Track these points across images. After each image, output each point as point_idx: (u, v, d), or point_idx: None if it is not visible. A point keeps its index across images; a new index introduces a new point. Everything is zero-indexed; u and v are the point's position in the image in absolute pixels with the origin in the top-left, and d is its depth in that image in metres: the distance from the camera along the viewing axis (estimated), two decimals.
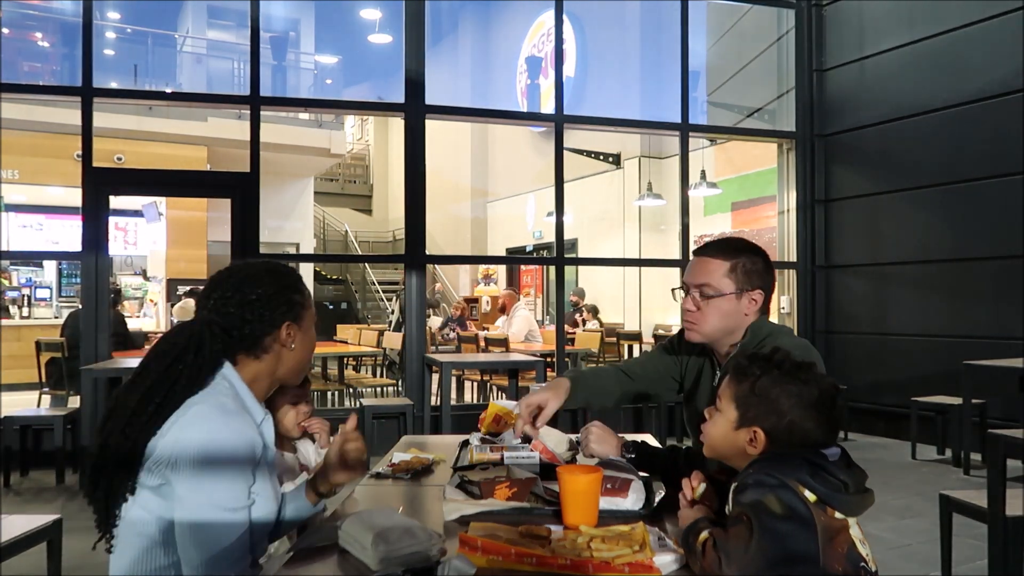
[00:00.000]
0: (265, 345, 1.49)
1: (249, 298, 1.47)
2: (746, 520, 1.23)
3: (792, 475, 1.25)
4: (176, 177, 7.32)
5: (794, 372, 1.36)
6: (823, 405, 1.34)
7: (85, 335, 5.72)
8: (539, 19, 13.87)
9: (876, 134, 6.98)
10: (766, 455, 1.32)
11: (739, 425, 1.36)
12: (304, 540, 1.36)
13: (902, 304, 6.80)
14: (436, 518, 1.48)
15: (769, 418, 1.33)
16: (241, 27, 7.75)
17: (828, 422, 1.34)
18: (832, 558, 1.22)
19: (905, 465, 5.77)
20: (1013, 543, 2.80)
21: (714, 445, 1.42)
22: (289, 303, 1.51)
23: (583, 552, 1.20)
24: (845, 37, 7.30)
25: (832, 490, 1.24)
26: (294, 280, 1.55)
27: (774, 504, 1.22)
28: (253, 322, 1.47)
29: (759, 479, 1.26)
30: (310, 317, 1.56)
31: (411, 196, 6.39)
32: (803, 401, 1.33)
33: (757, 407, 1.35)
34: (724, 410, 1.40)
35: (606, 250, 12.28)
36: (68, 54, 10.89)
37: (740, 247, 1.87)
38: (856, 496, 1.27)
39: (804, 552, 1.20)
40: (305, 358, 1.57)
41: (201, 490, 1.31)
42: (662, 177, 11.05)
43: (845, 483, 1.26)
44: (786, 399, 1.33)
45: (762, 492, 1.23)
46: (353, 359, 8.55)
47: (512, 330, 8.27)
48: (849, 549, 1.25)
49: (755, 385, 1.36)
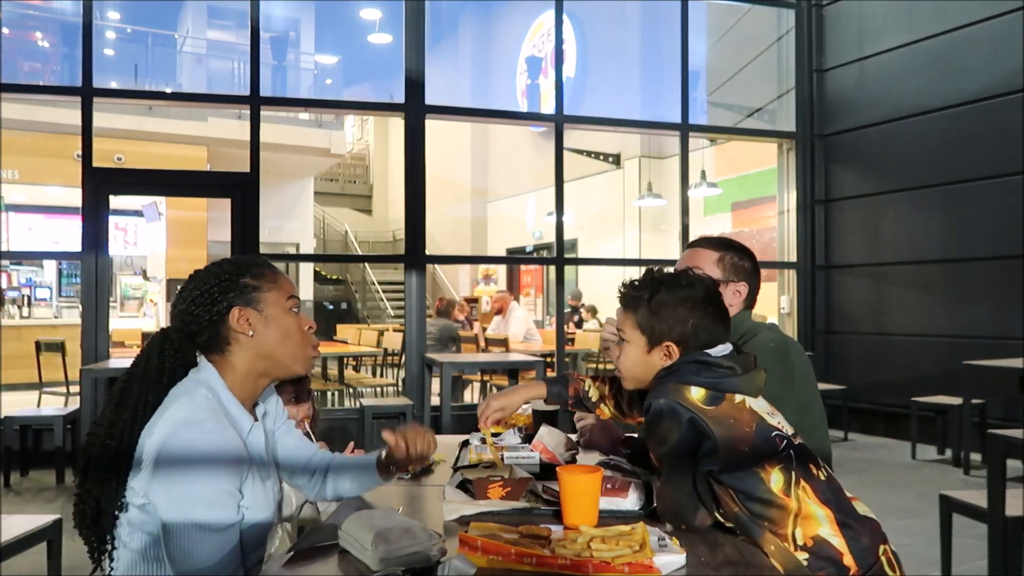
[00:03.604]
0: (224, 337, 1.43)
1: (194, 293, 1.44)
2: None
3: (681, 380, 1.40)
4: (176, 177, 7.32)
5: (676, 280, 1.50)
6: (712, 300, 1.48)
7: (85, 335, 5.72)
8: (539, 19, 13.87)
9: (876, 134, 6.98)
10: (659, 376, 1.45)
11: (651, 347, 1.49)
12: (304, 540, 1.36)
13: (902, 304, 6.80)
14: (436, 518, 1.48)
15: (675, 328, 1.46)
16: (241, 27, 7.74)
17: (722, 314, 1.49)
18: (737, 440, 1.35)
19: (905, 465, 5.77)
20: (1013, 543, 2.80)
21: (633, 376, 1.53)
22: (236, 287, 1.43)
23: (583, 552, 1.20)
24: (845, 37, 7.30)
25: (718, 377, 1.39)
26: (247, 265, 1.47)
27: (656, 415, 1.38)
28: (200, 314, 1.42)
29: (649, 401, 1.40)
30: (273, 300, 1.45)
31: (411, 196, 6.39)
32: (696, 302, 1.46)
33: (660, 323, 1.47)
34: (631, 339, 1.51)
35: (606, 250, 12.28)
36: (68, 54, 10.89)
37: (730, 244, 1.98)
38: (745, 376, 1.41)
39: (691, 442, 1.34)
40: (278, 343, 1.45)
41: (174, 495, 1.29)
42: (662, 177, 11.05)
43: (731, 367, 1.40)
44: (682, 306, 1.46)
45: (651, 409, 1.39)
46: (353, 359, 8.55)
47: (511, 331, 8.27)
48: (758, 425, 1.38)
49: (651, 304, 1.48)
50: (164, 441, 1.31)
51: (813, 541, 1.33)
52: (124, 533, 1.37)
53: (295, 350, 1.48)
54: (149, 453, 1.32)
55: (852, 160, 7.24)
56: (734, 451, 1.34)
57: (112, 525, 1.37)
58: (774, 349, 1.82)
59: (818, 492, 1.37)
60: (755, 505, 1.34)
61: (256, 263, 1.49)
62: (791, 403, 1.76)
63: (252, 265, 1.48)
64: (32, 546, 2.68)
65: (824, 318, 7.43)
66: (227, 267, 1.46)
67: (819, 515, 1.34)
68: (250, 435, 1.44)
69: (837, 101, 7.37)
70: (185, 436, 1.31)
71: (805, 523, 1.34)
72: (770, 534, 1.33)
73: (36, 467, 5.49)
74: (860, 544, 1.34)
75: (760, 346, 1.81)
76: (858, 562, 1.33)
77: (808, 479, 1.37)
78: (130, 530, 1.36)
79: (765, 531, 1.34)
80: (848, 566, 1.32)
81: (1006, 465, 2.96)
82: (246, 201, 6.02)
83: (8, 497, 4.90)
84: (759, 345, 1.82)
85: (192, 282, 1.46)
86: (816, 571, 1.31)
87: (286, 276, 1.53)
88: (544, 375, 5.69)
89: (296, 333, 1.48)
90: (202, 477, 1.30)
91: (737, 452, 1.34)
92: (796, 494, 1.35)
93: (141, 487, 1.33)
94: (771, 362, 1.78)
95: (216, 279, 1.44)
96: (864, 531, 1.37)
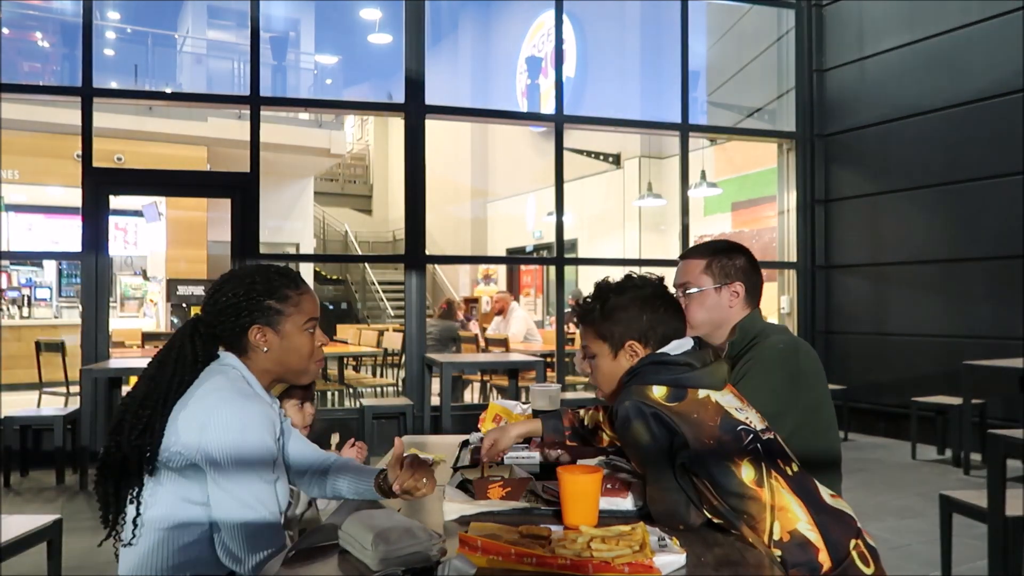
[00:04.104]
0: (243, 345, 1.57)
1: (220, 300, 1.56)
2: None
3: (642, 382, 1.43)
4: (176, 177, 7.32)
5: (622, 285, 1.57)
6: (660, 295, 1.56)
7: (85, 335, 5.72)
8: (539, 19, 13.86)
9: (876, 134, 6.98)
10: (623, 382, 1.49)
11: (615, 352, 1.54)
12: (304, 540, 1.36)
13: (902, 304, 6.80)
14: (436, 518, 1.48)
15: (632, 326, 1.52)
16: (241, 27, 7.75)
17: (673, 307, 1.56)
18: (702, 435, 1.38)
19: (905, 465, 5.77)
20: (1013, 543, 2.80)
21: (612, 388, 1.56)
22: (261, 308, 1.55)
23: (583, 552, 1.20)
24: (845, 37, 7.30)
25: (676, 374, 1.42)
26: (274, 286, 1.57)
27: (623, 419, 1.41)
28: (225, 323, 1.55)
29: (615, 407, 1.44)
30: (293, 322, 1.57)
31: (411, 196, 6.39)
32: (645, 299, 1.53)
33: (617, 325, 1.53)
34: (597, 351, 1.57)
35: (606, 250, 12.28)
36: (68, 54, 10.89)
37: (718, 248, 1.98)
38: (705, 370, 1.44)
39: (661, 438, 1.37)
40: (290, 360, 1.59)
41: (238, 467, 1.42)
42: (662, 177, 11.04)
43: (689, 363, 1.44)
44: (633, 306, 1.53)
45: (619, 415, 1.42)
46: (353, 359, 8.55)
47: (511, 331, 8.27)
48: (723, 419, 1.40)
49: (603, 312, 1.54)
50: (215, 397, 1.46)
51: (790, 536, 1.33)
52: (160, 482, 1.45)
53: (303, 366, 1.61)
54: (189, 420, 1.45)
55: (852, 160, 7.24)
56: (700, 444, 1.37)
57: (135, 483, 1.46)
58: (783, 351, 1.82)
59: (790, 484, 1.39)
60: (731, 499, 1.36)
61: (284, 283, 1.59)
62: (798, 405, 1.77)
63: (282, 286, 1.58)
64: (32, 546, 2.68)
65: (824, 318, 7.43)
66: (259, 284, 1.56)
67: (794, 507, 1.36)
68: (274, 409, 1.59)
69: (837, 101, 7.37)
70: (234, 392, 1.48)
71: (782, 516, 1.35)
72: (748, 529, 1.34)
73: (36, 467, 5.48)
74: (832, 538, 1.36)
75: (770, 348, 1.81)
76: (831, 555, 1.34)
77: (779, 472, 1.39)
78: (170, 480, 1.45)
79: (743, 526, 1.35)
80: (823, 563, 1.33)
81: (1006, 465, 2.96)
82: (246, 201, 6.02)
83: (8, 497, 4.90)
84: (769, 347, 1.81)
85: (225, 287, 1.57)
86: (791, 568, 1.32)
87: (312, 296, 1.63)
88: (544, 375, 5.69)
89: (306, 352, 1.61)
90: (254, 425, 1.46)
91: (703, 446, 1.37)
92: (769, 484, 1.37)
93: (191, 449, 1.43)
94: (779, 364, 1.78)
95: (245, 294, 1.55)
96: (835, 524, 1.38)
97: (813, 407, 1.81)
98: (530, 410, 2.07)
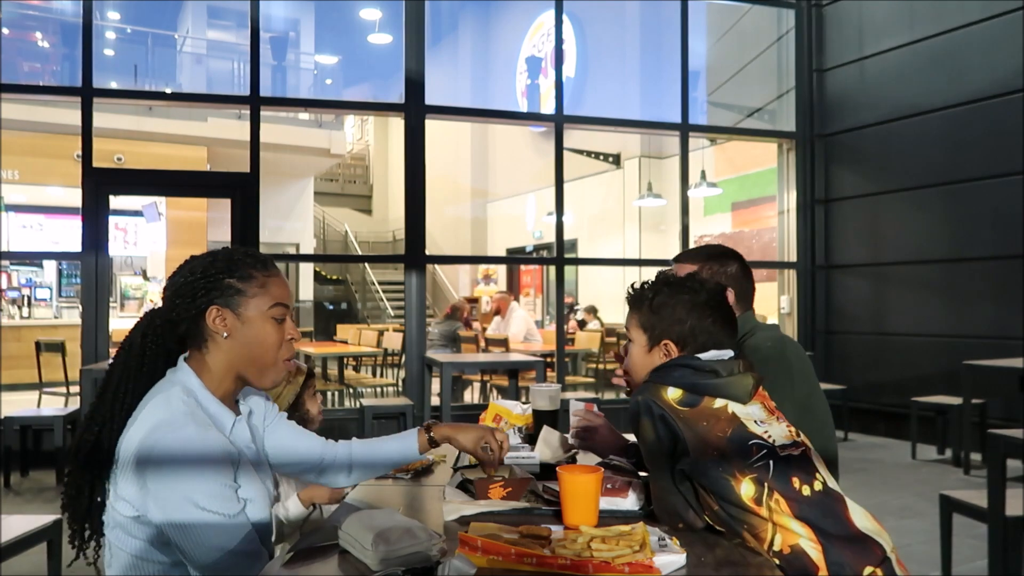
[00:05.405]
0: (202, 333, 1.40)
1: (178, 281, 1.41)
2: None
3: (661, 380, 1.42)
4: (176, 177, 7.32)
5: (681, 283, 1.54)
6: (714, 304, 1.51)
7: (85, 335, 5.72)
8: (539, 19, 13.86)
9: (876, 134, 6.98)
10: (647, 376, 1.48)
11: (651, 346, 1.53)
12: (304, 540, 1.36)
13: (902, 304, 6.80)
14: (436, 518, 1.48)
15: (673, 328, 1.50)
16: (241, 27, 7.75)
17: (724, 319, 1.51)
18: (706, 444, 1.35)
19: (905, 465, 5.77)
20: (1013, 543, 2.81)
21: (639, 376, 1.55)
22: (220, 286, 1.38)
23: (583, 552, 1.20)
24: (845, 37, 7.30)
25: (696, 379, 1.40)
26: (236, 264, 1.41)
27: (633, 413, 1.42)
28: (181, 305, 1.38)
29: (632, 398, 1.45)
30: (256, 305, 1.39)
31: (411, 196, 6.39)
32: (696, 305, 1.50)
33: (659, 323, 1.51)
34: (635, 338, 1.56)
35: (606, 250, 12.28)
36: (68, 54, 10.89)
37: (711, 253, 1.99)
38: (728, 379, 1.40)
39: (664, 440, 1.37)
40: (253, 351, 1.40)
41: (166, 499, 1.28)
42: (662, 177, 11.04)
43: (714, 371, 1.41)
44: (681, 307, 1.50)
45: (631, 407, 1.43)
46: (353, 359, 8.55)
47: (511, 331, 8.27)
48: (735, 431, 1.36)
49: (652, 304, 1.52)
50: (140, 446, 1.29)
51: (791, 549, 1.30)
52: (116, 537, 1.36)
53: (269, 358, 1.42)
54: (126, 458, 1.31)
55: (852, 160, 7.24)
56: (702, 453, 1.35)
57: (97, 514, 1.38)
58: (770, 348, 1.83)
59: (795, 508, 1.32)
60: (731, 508, 1.34)
61: (248, 262, 1.42)
62: (789, 401, 1.77)
63: (244, 264, 1.42)
64: (32, 546, 2.68)
65: (824, 318, 7.43)
66: (219, 261, 1.41)
67: (795, 528, 1.31)
68: (234, 430, 1.42)
69: (837, 101, 7.37)
70: (162, 439, 1.28)
71: (784, 532, 1.31)
72: (748, 535, 1.33)
73: (36, 467, 5.49)
74: (839, 562, 1.29)
75: (756, 345, 1.82)
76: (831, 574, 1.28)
77: (786, 493, 1.32)
78: (123, 534, 1.34)
79: (744, 532, 1.33)
80: None
81: (1006, 465, 2.96)
82: (246, 201, 6.02)
83: (8, 497, 4.90)
84: (755, 344, 1.83)
85: (183, 269, 1.43)
86: None
87: (282, 280, 1.45)
88: (544, 375, 5.67)
89: (270, 344, 1.41)
90: (191, 476, 1.28)
91: (705, 455, 1.35)
92: (768, 505, 1.32)
93: (129, 496, 1.31)
94: (767, 361, 1.78)
95: (203, 272, 1.39)
96: (848, 548, 1.30)
97: (804, 404, 1.81)
98: (530, 410, 2.07)
